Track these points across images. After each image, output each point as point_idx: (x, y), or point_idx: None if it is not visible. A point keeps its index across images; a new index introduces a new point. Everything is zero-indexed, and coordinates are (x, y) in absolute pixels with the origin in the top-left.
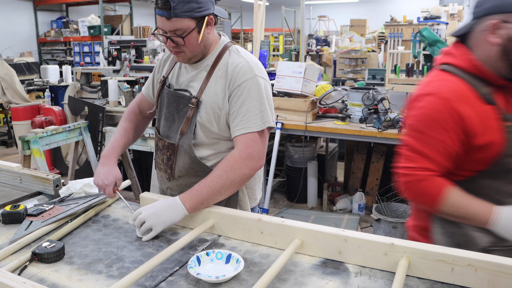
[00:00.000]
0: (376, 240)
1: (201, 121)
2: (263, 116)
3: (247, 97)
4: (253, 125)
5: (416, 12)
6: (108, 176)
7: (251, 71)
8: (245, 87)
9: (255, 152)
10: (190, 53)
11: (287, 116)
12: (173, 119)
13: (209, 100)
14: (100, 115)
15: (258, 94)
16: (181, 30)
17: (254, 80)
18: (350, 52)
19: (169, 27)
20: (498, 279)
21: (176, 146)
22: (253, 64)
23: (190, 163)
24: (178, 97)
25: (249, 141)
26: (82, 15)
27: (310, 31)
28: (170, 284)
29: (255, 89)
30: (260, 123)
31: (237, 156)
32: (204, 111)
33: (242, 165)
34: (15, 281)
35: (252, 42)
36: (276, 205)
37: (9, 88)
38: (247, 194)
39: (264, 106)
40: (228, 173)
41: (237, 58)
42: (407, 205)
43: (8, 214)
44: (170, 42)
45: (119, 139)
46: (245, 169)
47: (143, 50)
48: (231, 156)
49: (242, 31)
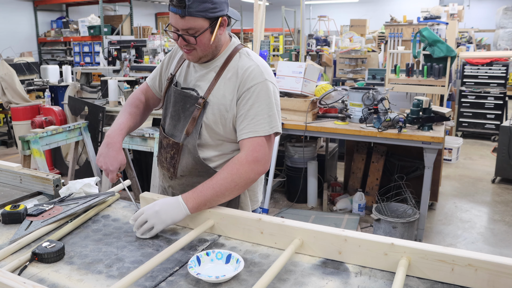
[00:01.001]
0: (376, 240)
1: (207, 122)
2: (271, 121)
3: (256, 100)
4: (261, 129)
5: (416, 12)
6: (113, 162)
7: (261, 75)
8: (254, 90)
9: (261, 156)
10: (201, 52)
11: (287, 116)
12: (178, 118)
13: (217, 101)
14: (100, 115)
15: (267, 99)
16: (194, 30)
17: (264, 84)
18: (350, 52)
19: (182, 25)
20: (498, 279)
21: (181, 145)
22: (263, 68)
23: (194, 163)
24: (185, 96)
25: (256, 145)
26: (82, 15)
27: (310, 31)
28: (170, 284)
29: (265, 93)
30: (268, 127)
31: (243, 159)
32: (211, 112)
33: (248, 169)
34: (15, 281)
35: (252, 42)
36: (276, 205)
37: (9, 88)
38: (249, 196)
39: (272, 110)
40: (234, 176)
41: (248, 61)
42: (407, 205)
43: (8, 214)
44: (181, 41)
45: (125, 122)
46: (251, 173)
47: (143, 50)
48: (237, 159)
49: (242, 31)
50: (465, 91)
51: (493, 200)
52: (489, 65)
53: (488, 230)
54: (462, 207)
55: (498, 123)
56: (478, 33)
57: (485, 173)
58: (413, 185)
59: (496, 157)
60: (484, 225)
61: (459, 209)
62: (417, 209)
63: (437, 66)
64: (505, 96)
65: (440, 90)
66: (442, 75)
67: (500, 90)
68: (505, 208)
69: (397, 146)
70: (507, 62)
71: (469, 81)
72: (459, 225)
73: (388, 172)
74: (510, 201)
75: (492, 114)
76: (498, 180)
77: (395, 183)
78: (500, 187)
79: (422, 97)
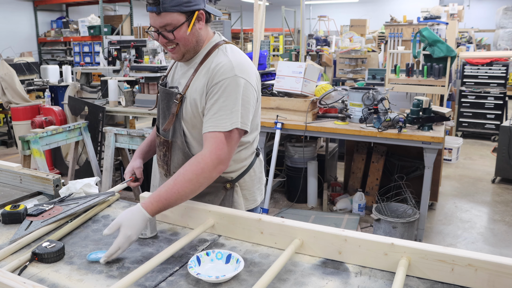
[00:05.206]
0: (376, 240)
1: (185, 117)
2: (232, 117)
3: (221, 95)
4: (222, 124)
5: (416, 12)
6: (128, 167)
7: (231, 71)
8: (222, 85)
9: (224, 155)
10: (184, 48)
11: (287, 116)
12: (164, 116)
13: (190, 96)
14: (100, 115)
15: (234, 94)
16: (171, 25)
17: (232, 80)
18: (350, 52)
19: (159, 22)
20: (498, 279)
21: (170, 142)
22: (236, 64)
23: (184, 159)
24: (167, 93)
25: (218, 143)
26: (82, 15)
27: (310, 31)
28: (170, 284)
29: (232, 88)
30: (229, 123)
31: (207, 159)
32: (187, 106)
33: (212, 169)
34: (15, 281)
35: (252, 42)
36: (276, 205)
37: (9, 88)
38: (244, 195)
39: (236, 107)
40: (199, 177)
41: (223, 58)
42: (407, 205)
43: (8, 214)
44: (161, 38)
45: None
46: (214, 172)
47: (143, 50)
48: (201, 158)
49: (242, 31)
50: (465, 91)
51: (493, 200)
52: (489, 65)
53: (488, 230)
54: (462, 207)
55: (498, 123)
56: (478, 33)
57: (485, 173)
58: (413, 185)
59: (496, 157)
60: (484, 225)
61: (459, 209)
62: (417, 209)
63: (437, 66)
64: (505, 96)
65: (440, 90)
66: (442, 75)
67: (500, 90)
68: (505, 208)
69: (397, 146)
70: (507, 62)
71: (469, 81)
72: (459, 225)
73: (388, 172)
74: (510, 201)
75: (492, 114)
76: (498, 180)
77: (395, 183)
78: (500, 187)
79: (422, 97)
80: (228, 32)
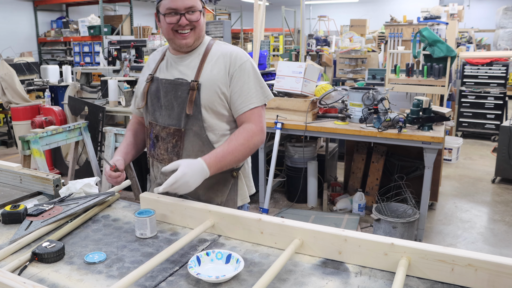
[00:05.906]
0: (376, 240)
1: (204, 103)
2: (264, 91)
3: (248, 76)
4: (258, 100)
5: (416, 12)
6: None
7: (245, 55)
8: (244, 68)
9: (264, 125)
10: (197, 33)
11: (287, 116)
12: (172, 107)
13: (209, 81)
14: (100, 115)
15: (255, 73)
16: (194, 8)
17: (249, 62)
18: (350, 52)
19: (186, 3)
20: (498, 279)
21: (183, 131)
22: (240, 50)
23: (201, 145)
24: (175, 84)
25: (259, 116)
26: (82, 15)
27: (310, 31)
28: (170, 284)
29: (253, 69)
30: (263, 97)
31: (254, 129)
32: (206, 92)
33: (258, 137)
34: (15, 281)
35: (252, 42)
36: (276, 205)
37: (9, 88)
38: (246, 182)
39: (262, 82)
40: (249, 143)
41: (228, 47)
42: (407, 205)
43: (8, 214)
44: (183, 20)
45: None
46: (259, 142)
47: (143, 50)
48: (249, 128)
49: (242, 31)
50: (465, 91)
51: (493, 200)
52: (489, 65)
53: (488, 230)
54: (462, 207)
55: (498, 123)
56: (478, 33)
57: (485, 173)
58: (413, 185)
59: (496, 157)
60: (484, 225)
61: (459, 209)
62: (417, 209)
63: (437, 66)
64: (505, 96)
65: (440, 90)
66: (442, 75)
67: (500, 90)
68: (505, 208)
69: (397, 146)
70: (507, 62)
71: (469, 81)
72: (459, 225)
73: (388, 172)
74: (510, 201)
75: (492, 114)
76: (498, 180)
77: (395, 183)
78: (500, 187)
79: (422, 97)
80: (228, 32)
